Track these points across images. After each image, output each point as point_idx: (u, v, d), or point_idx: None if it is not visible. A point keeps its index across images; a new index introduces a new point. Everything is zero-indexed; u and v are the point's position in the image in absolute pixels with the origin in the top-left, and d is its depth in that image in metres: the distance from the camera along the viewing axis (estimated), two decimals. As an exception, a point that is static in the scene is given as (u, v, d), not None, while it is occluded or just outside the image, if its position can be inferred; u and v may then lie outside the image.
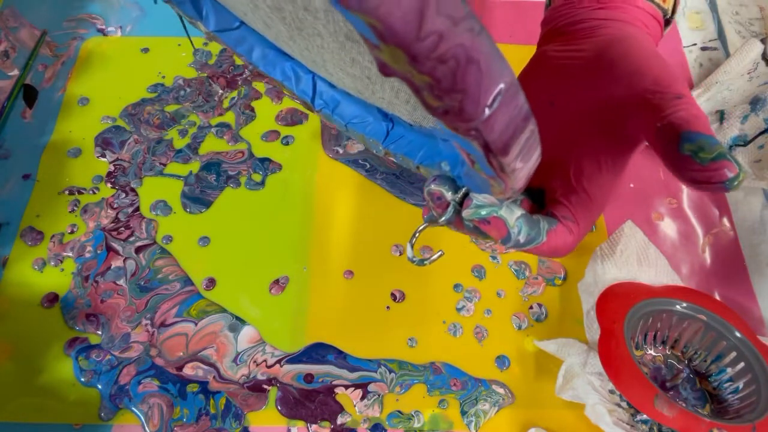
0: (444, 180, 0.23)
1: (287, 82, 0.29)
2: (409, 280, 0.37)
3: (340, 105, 0.29)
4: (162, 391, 0.34)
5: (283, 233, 0.39)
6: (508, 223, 0.21)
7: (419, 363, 0.35)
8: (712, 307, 0.33)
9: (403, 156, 0.28)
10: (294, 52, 0.27)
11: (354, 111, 0.29)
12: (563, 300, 0.37)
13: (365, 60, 0.21)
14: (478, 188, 0.23)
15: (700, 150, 0.19)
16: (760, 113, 0.39)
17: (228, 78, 0.45)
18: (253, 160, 0.41)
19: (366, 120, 0.28)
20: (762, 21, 0.47)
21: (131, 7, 0.48)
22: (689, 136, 0.19)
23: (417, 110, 0.24)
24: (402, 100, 0.24)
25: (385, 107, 0.27)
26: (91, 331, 0.35)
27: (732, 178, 0.18)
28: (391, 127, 0.28)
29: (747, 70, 0.41)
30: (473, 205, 0.22)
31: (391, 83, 0.23)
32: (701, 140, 0.19)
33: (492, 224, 0.22)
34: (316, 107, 0.29)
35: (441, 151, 0.26)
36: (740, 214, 0.40)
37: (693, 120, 0.20)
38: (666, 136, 0.20)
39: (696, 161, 0.19)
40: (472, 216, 0.22)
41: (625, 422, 0.31)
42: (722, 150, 0.18)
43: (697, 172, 0.19)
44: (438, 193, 0.23)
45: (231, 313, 0.36)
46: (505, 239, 0.22)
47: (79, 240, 0.38)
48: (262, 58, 0.29)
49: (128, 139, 0.42)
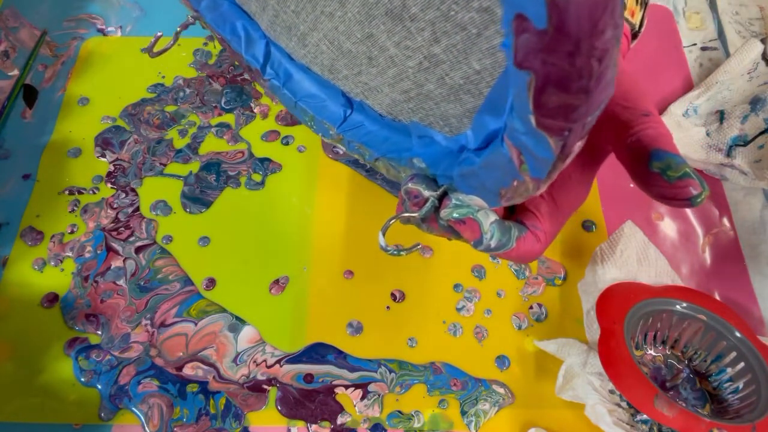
0: (421, 179, 0.24)
1: (235, 42, 0.27)
2: (409, 280, 0.37)
3: (292, 79, 0.27)
4: (162, 391, 0.34)
5: (283, 233, 0.39)
6: (483, 226, 0.22)
7: (419, 363, 0.35)
8: (712, 307, 0.33)
9: (359, 144, 0.27)
10: (260, 11, 0.25)
11: (309, 89, 0.27)
12: (563, 300, 0.37)
13: (388, 40, 0.20)
14: (472, 190, 0.22)
15: (668, 168, 0.20)
16: (760, 113, 0.39)
17: (228, 78, 0.45)
18: (253, 160, 0.41)
19: (322, 101, 0.27)
20: (762, 21, 0.47)
21: (131, 7, 0.48)
22: (658, 154, 0.20)
23: (410, 102, 0.23)
24: (399, 90, 0.23)
25: (357, 92, 0.26)
26: (91, 331, 0.35)
27: (696, 196, 0.19)
28: (349, 113, 0.27)
29: (747, 70, 0.41)
30: (452, 204, 0.22)
31: (401, 68, 0.22)
32: (669, 159, 0.20)
33: (467, 225, 0.22)
34: (266, 76, 0.27)
35: (411, 147, 0.25)
36: (740, 214, 0.40)
37: (660, 138, 0.21)
38: (635, 153, 0.21)
39: (664, 178, 0.20)
40: (449, 215, 0.22)
41: (625, 422, 0.31)
42: (688, 169, 0.20)
43: (665, 189, 0.20)
44: (415, 191, 0.23)
45: (231, 313, 0.36)
46: (477, 242, 0.22)
47: (79, 240, 0.38)
48: (212, 7, 0.26)
49: (128, 139, 0.42)
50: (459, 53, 0.19)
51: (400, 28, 0.20)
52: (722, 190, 0.41)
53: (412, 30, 0.20)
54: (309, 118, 0.28)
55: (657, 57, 0.46)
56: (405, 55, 0.21)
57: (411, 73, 0.22)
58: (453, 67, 0.20)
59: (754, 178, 0.39)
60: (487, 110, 0.20)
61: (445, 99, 0.22)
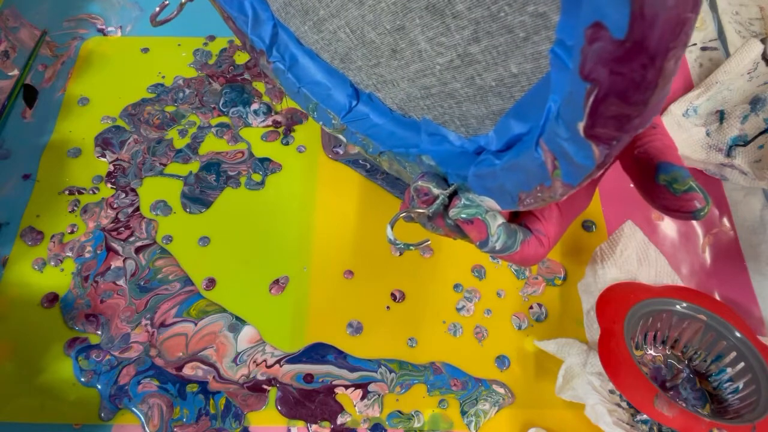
0: (431, 177, 0.24)
1: (241, 20, 0.26)
2: (409, 280, 0.37)
3: (298, 64, 0.27)
4: (162, 391, 0.34)
5: (283, 233, 0.39)
6: (490, 228, 0.22)
7: (419, 363, 0.35)
8: (712, 307, 0.33)
9: (363, 137, 0.26)
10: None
11: (314, 76, 0.27)
12: (563, 300, 0.37)
13: (421, 34, 0.20)
14: (487, 191, 0.22)
15: (674, 181, 0.20)
16: (760, 113, 0.39)
17: (228, 78, 0.45)
18: (253, 160, 0.41)
19: (327, 89, 0.27)
20: (762, 21, 0.47)
21: (131, 7, 0.48)
22: (665, 167, 0.21)
23: (428, 99, 0.23)
24: (419, 85, 0.23)
25: (369, 84, 0.25)
26: (90, 331, 0.35)
27: (700, 209, 0.20)
28: (355, 104, 0.26)
29: (747, 70, 0.41)
30: (461, 204, 0.23)
31: (428, 64, 0.21)
32: (675, 172, 0.20)
33: (474, 225, 0.22)
34: (270, 58, 0.27)
35: (419, 143, 0.25)
36: (740, 214, 0.40)
37: (667, 151, 0.21)
38: (642, 165, 0.21)
39: (670, 191, 0.20)
40: (458, 214, 0.23)
41: (625, 422, 0.31)
42: (693, 183, 0.20)
43: (670, 201, 0.20)
44: (425, 189, 0.24)
45: (231, 313, 0.36)
46: (482, 243, 0.23)
47: (79, 240, 0.38)
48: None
49: (128, 139, 0.42)
50: (499, 55, 0.19)
51: (439, 23, 0.19)
52: (722, 190, 0.41)
53: (452, 27, 0.19)
54: (312, 105, 0.27)
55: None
56: (436, 51, 0.21)
57: (438, 70, 0.21)
58: (487, 68, 0.20)
59: (754, 178, 0.38)
60: (515, 114, 0.20)
61: (470, 99, 0.22)
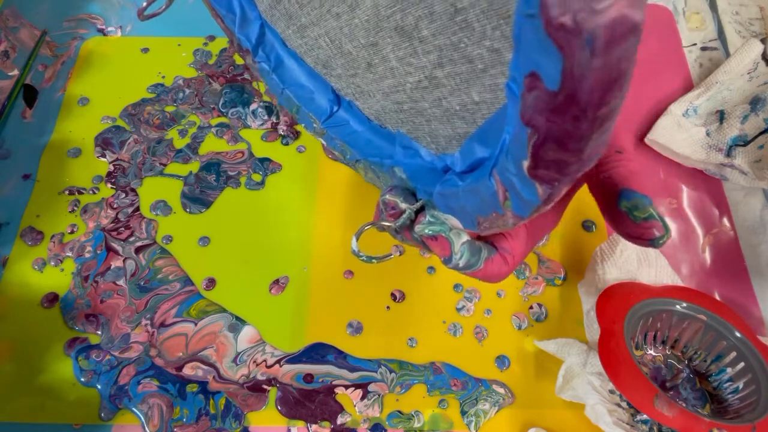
0: (399, 191, 0.24)
1: (229, 19, 0.27)
2: (409, 280, 0.37)
3: (283, 66, 0.27)
4: (161, 391, 0.34)
5: (283, 233, 0.39)
6: (454, 246, 0.22)
7: (419, 363, 0.35)
8: (712, 307, 0.33)
9: (342, 143, 0.27)
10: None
11: (298, 78, 0.27)
12: (563, 300, 0.37)
13: (392, 52, 0.20)
14: (450, 210, 0.23)
15: (634, 208, 0.20)
16: (760, 113, 0.39)
17: (228, 78, 0.45)
18: (253, 160, 0.41)
19: (310, 93, 0.27)
20: (762, 21, 0.47)
21: (131, 7, 0.48)
22: (627, 194, 0.21)
23: (401, 113, 0.23)
24: (392, 100, 0.23)
25: (348, 92, 0.26)
26: (90, 331, 0.35)
27: (658, 237, 0.20)
28: (336, 110, 0.27)
29: (747, 70, 0.41)
30: (426, 220, 0.23)
31: (399, 81, 0.22)
32: (636, 199, 0.21)
33: (438, 242, 0.23)
34: (256, 58, 0.27)
35: (393, 154, 0.25)
36: (740, 214, 0.40)
37: (630, 177, 0.22)
38: (606, 189, 0.22)
39: (630, 218, 0.20)
40: (422, 231, 0.23)
41: (625, 422, 0.31)
42: (652, 211, 0.20)
43: (630, 228, 0.21)
44: (392, 203, 0.24)
45: (231, 313, 0.36)
46: (446, 260, 0.23)
47: (79, 240, 0.38)
48: None
49: (128, 139, 0.42)
50: (461, 82, 0.19)
51: (407, 45, 0.20)
52: (722, 190, 0.41)
53: (419, 50, 0.20)
54: (294, 107, 0.28)
55: (657, 57, 0.46)
56: (406, 70, 0.21)
57: (408, 88, 0.22)
58: (452, 92, 0.20)
59: (754, 178, 0.38)
60: (478, 139, 0.20)
61: (438, 119, 0.22)
